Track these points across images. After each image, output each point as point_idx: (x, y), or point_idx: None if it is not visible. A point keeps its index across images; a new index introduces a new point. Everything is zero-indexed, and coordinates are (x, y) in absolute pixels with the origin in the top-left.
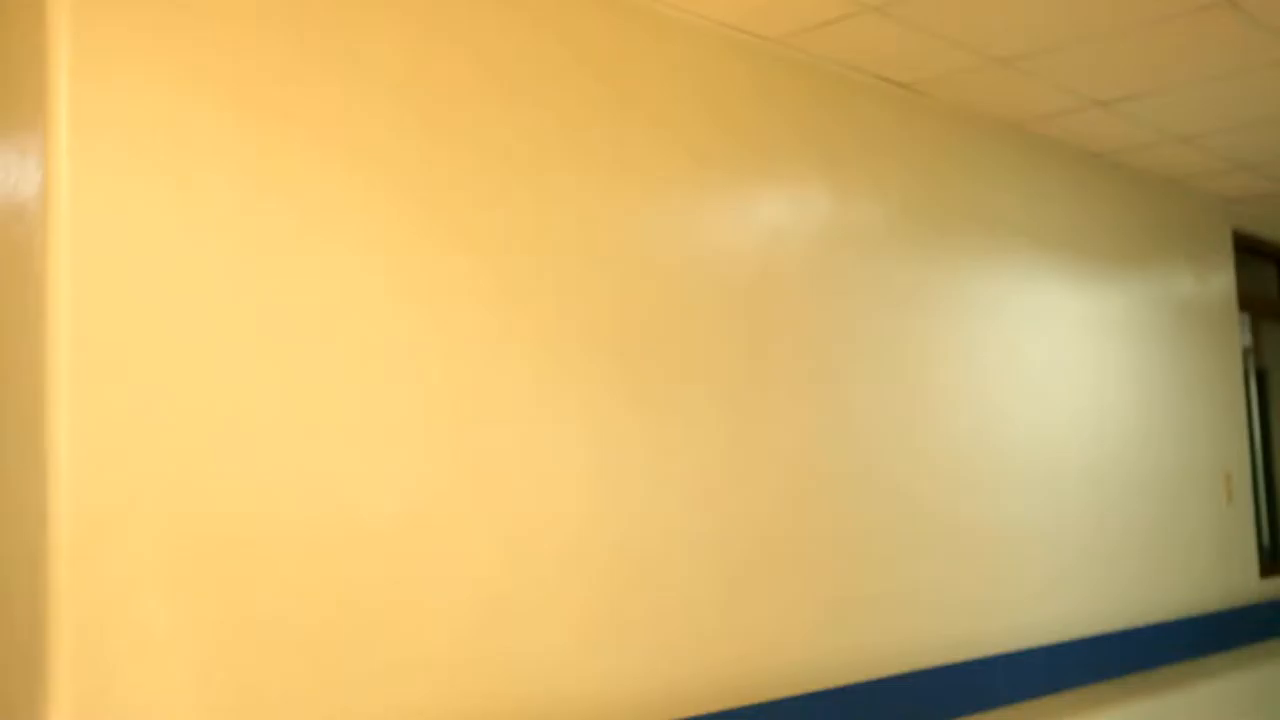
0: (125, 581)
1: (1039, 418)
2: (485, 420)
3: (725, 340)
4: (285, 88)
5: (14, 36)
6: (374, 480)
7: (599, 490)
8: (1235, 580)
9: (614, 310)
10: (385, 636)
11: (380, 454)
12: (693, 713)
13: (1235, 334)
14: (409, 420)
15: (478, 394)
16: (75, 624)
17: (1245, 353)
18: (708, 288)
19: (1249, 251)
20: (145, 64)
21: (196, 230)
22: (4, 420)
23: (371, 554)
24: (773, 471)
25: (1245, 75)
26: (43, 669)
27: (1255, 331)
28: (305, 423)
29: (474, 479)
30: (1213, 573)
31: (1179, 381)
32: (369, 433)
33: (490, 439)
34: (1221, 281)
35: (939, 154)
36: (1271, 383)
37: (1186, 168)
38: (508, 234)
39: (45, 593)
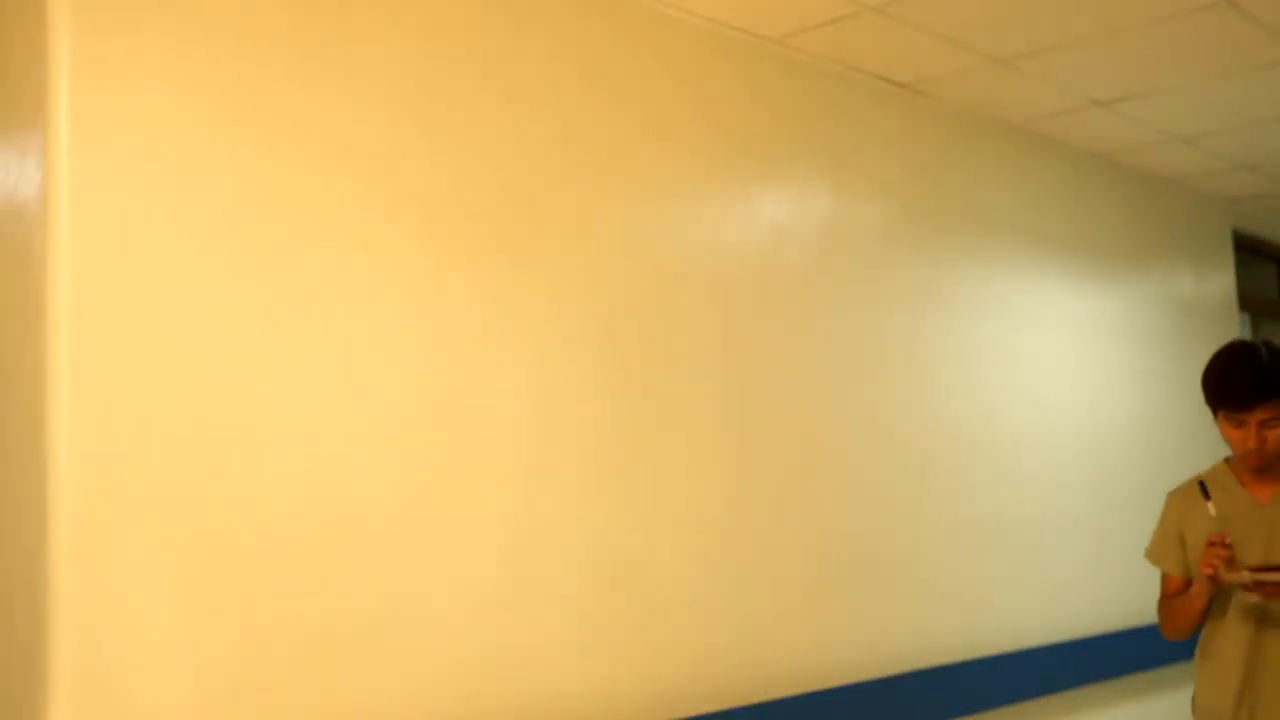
0: (125, 581)
1: (1040, 418)
2: (484, 421)
3: (725, 340)
4: (284, 91)
5: (14, 37)
6: (373, 482)
7: (599, 490)
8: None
9: (614, 311)
10: (385, 636)
11: (379, 456)
12: (693, 713)
13: (1235, 334)
14: (408, 421)
15: (476, 395)
16: (75, 624)
17: None
18: (709, 287)
19: (1249, 251)
20: (145, 65)
21: (195, 231)
22: (4, 420)
23: (371, 555)
24: (773, 471)
25: (1245, 75)
26: (43, 669)
27: (1255, 331)
28: (305, 423)
29: (473, 479)
30: None
31: (1180, 381)
32: (369, 435)
33: (489, 439)
34: (1221, 281)
35: (939, 154)
36: None
37: (1186, 168)
38: (505, 236)
39: (45, 593)
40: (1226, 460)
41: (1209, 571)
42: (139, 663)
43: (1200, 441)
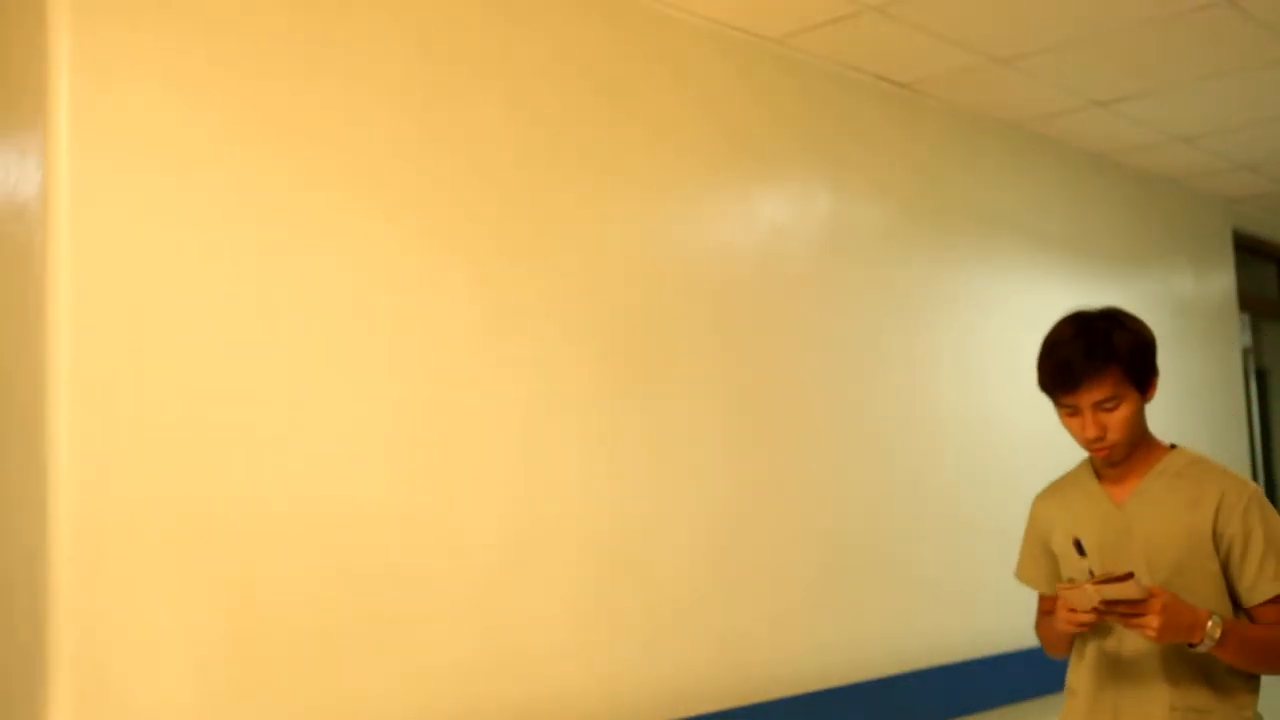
0: (125, 581)
1: (1040, 417)
2: (483, 420)
3: (725, 340)
4: (283, 91)
5: (14, 37)
6: (372, 481)
7: (598, 490)
8: None
9: (613, 310)
10: (384, 634)
11: (379, 456)
12: (692, 712)
13: (1235, 334)
14: (406, 421)
15: (475, 394)
16: (75, 624)
17: (1245, 353)
18: (708, 287)
19: (1249, 251)
20: (145, 66)
21: (195, 231)
22: (4, 420)
23: (370, 554)
24: (772, 470)
25: (1245, 75)
26: (43, 669)
27: (1255, 331)
28: (304, 423)
29: (472, 478)
30: None
31: (1179, 381)
32: (368, 434)
33: (488, 438)
34: (1221, 281)
35: (939, 154)
36: (1271, 383)
37: (1186, 168)
38: (505, 235)
39: (45, 593)
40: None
41: (1069, 630)
42: (139, 663)
43: (1200, 441)
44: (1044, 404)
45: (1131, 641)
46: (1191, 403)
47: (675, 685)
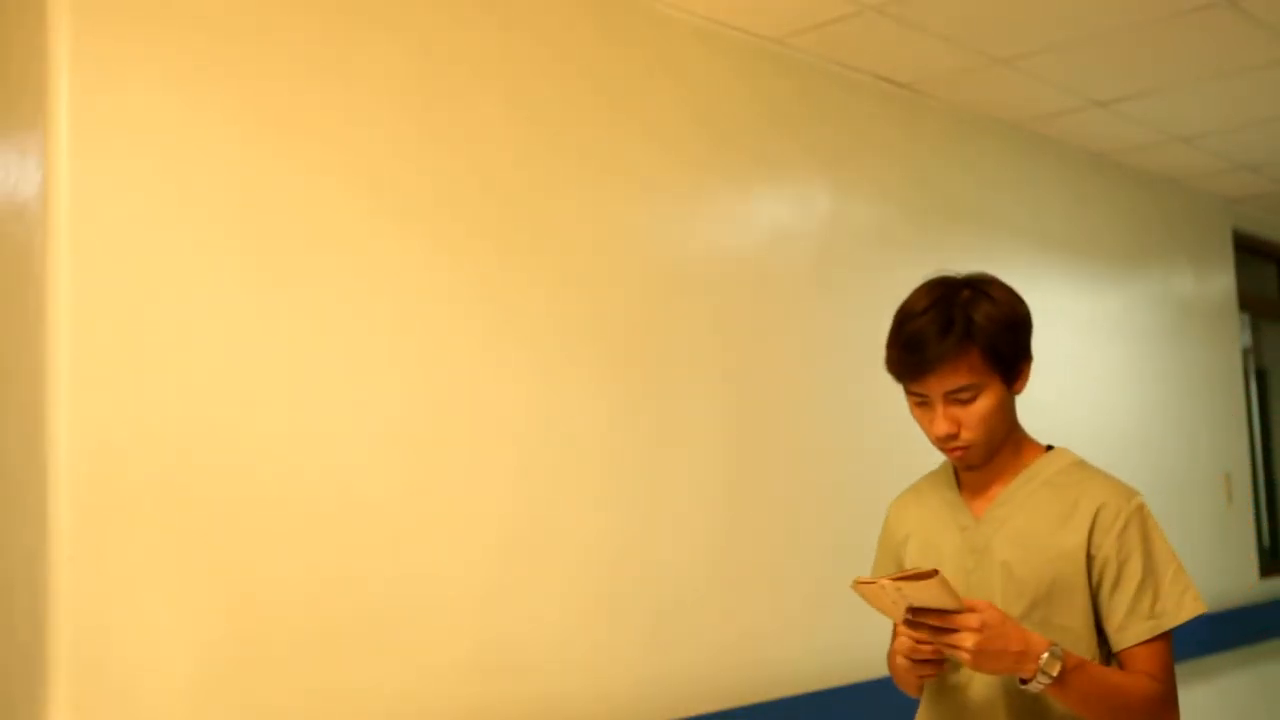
0: (125, 581)
1: (1040, 418)
2: (482, 420)
3: (724, 341)
4: (283, 91)
5: (14, 37)
6: (372, 480)
7: (598, 490)
8: (1235, 580)
9: (612, 311)
10: (384, 632)
11: (378, 455)
12: (692, 712)
13: (1235, 334)
14: (406, 420)
15: (474, 394)
16: (75, 624)
17: (1245, 353)
18: (707, 287)
19: (1249, 251)
20: (145, 66)
21: (195, 231)
22: (4, 420)
23: (370, 553)
24: (772, 471)
25: (1245, 75)
26: (43, 669)
27: (1255, 331)
28: (303, 422)
29: (471, 478)
30: (1212, 573)
31: (1179, 381)
32: (368, 433)
33: (487, 438)
34: (1221, 281)
35: (939, 154)
36: (1271, 383)
37: (1186, 168)
38: (505, 237)
39: (45, 593)
40: None
41: (903, 651)
42: (139, 662)
43: (1201, 441)
44: (1045, 403)
45: (981, 681)
46: (1191, 403)
47: (675, 685)
